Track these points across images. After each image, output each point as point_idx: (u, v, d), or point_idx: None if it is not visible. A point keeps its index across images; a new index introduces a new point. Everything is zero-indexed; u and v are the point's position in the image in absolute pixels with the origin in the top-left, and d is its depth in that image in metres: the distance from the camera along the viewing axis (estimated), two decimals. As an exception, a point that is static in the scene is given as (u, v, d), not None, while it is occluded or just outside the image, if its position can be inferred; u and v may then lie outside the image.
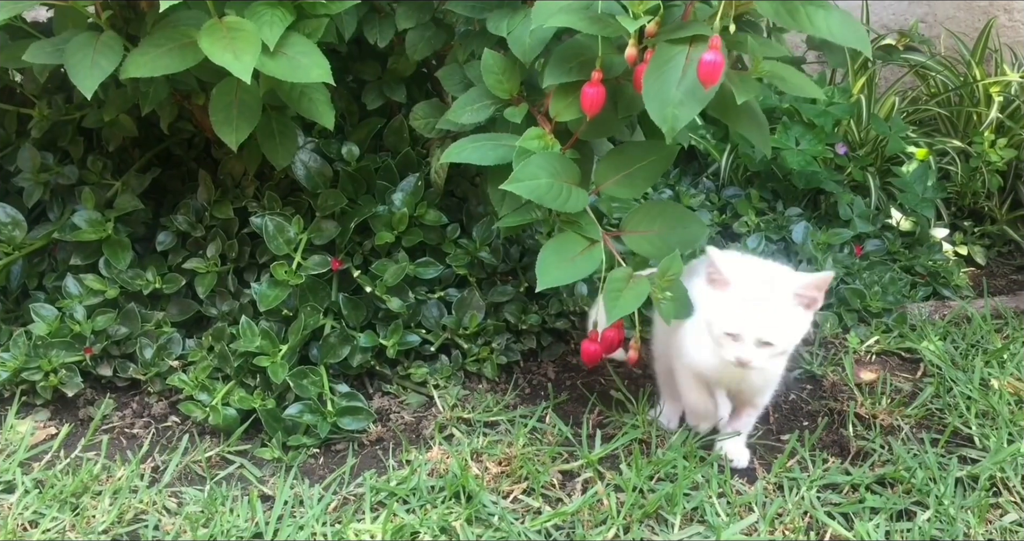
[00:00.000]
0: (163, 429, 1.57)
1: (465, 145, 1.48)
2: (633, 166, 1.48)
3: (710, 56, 1.22)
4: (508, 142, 1.46)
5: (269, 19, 1.37)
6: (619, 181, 1.48)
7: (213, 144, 1.79)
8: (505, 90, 1.49)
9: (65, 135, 1.78)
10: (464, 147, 1.48)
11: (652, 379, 1.72)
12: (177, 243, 1.73)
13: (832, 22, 1.28)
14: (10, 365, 1.57)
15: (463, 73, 1.60)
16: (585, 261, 1.43)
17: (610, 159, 1.49)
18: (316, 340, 1.62)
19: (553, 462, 1.45)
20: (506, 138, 1.47)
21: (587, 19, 1.32)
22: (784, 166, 2.13)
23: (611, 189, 1.49)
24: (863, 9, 2.51)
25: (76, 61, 1.37)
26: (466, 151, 1.47)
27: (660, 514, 1.35)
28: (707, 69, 1.22)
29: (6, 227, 1.69)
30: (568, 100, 1.42)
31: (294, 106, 1.46)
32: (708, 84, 1.23)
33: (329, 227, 1.68)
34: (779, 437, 1.55)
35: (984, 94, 2.37)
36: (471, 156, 1.46)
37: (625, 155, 1.49)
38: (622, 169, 1.48)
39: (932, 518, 1.35)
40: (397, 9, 1.65)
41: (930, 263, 2.06)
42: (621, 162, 1.48)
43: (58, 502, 1.36)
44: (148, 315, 1.66)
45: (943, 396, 1.62)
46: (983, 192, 2.29)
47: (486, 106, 1.52)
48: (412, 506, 1.36)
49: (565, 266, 1.42)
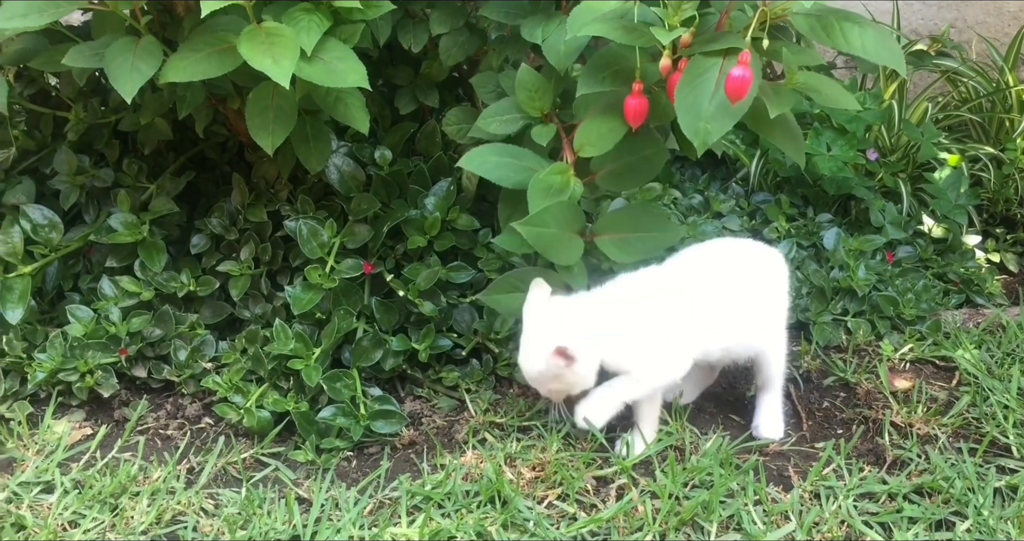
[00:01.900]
0: (197, 431, 1.58)
1: (488, 157, 1.48)
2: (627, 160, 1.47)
3: (738, 71, 1.22)
4: (531, 164, 1.47)
5: (307, 24, 1.38)
6: (611, 172, 1.48)
7: (247, 148, 1.80)
8: (536, 108, 1.49)
9: (101, 138, 1.80)
10: (487, 159, 1.48)
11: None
12: (211, 246, 1.74)
13: (867, 39, 1.28)
14: (47, 366, 1.58)
15: (497, 81, 1.61)
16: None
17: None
18: (349, 343, 1.63)
19: (587, 468, 1.45)
20: (530, 158, 1.48)
21: (622, 29, 1.32)
22: (815, 172, 2.11)
23: (603, 180, 1.48)
24: (894, 14, 2.50)
25: (116, 65, 1.38)
26: (488, 165, 1.48)
27: (696, 521, 1.34)
28: (735, 84, 1.22)
29: (43, 229, 1.70)
30: (594, 134, 1.42)
31: (329, 111, 1.47)
32: (736, 99, 1.23)
33: (362, 231, 1.68)
34: (813, 445, 1.54)
35: (1017, 100, 2.34)
36: (492, 173, 1.48)
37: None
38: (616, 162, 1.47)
39: (971, 528, 1.34)
40: (431, 14, 1.66)
41: (963, 270, 2.04)
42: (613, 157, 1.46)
43: (97, 502, 1.37)
44: (182, 317, 1.67)
45: (980, 405, 1.61)
46: (1016, 199, 2.26)
47: (516, 119, 1.53)
48: (447, 510, 1.36)
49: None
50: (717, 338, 1.48)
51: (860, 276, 1.89)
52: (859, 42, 1.28)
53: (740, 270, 1.52)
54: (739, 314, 1.49)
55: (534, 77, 1.49)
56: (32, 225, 1.69)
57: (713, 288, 1.48)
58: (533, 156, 1.49)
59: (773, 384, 1.56)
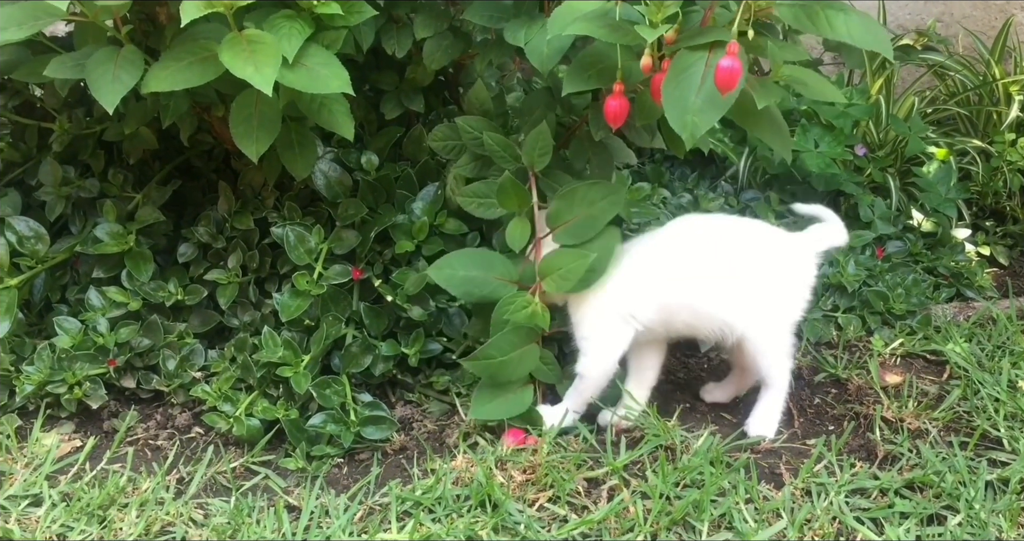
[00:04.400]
0: (187, 440, 1.58)
1: (456, 270, 1.52)
2: (585, 212, 1.51)
3: (727, 62, 1.21)
4: (501, 274, 1.52)
5: (288, 31, 1.38)
6: (568, 227, 1.51)
7: (232, 155, 1.80)
8: (514, 205, 1.54)
9: (86, 149, 1.80)
10: (455, 274, 1.52)
11: (673, 384, 1.71)
12: (198, 254, 1.74)
13: (852, 26, 1.27)
14: (35, 378, 1.58)
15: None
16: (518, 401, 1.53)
17: (563, 201, 1.51)
18: (338, 349, 1.63)
19: (578, 469, 1.44)
20: (499, 266, 1.53)
21: (605, 27, 1.32)
22: (803, 168, 2.11)
23: (561, 236, 1.52)
24: (879, 9, 2.50)
25: (98, 76, 1.37)
26: (455, 281, 1.52)
27: (688, 521, 1.34)
28: (724, 75, 1.22)
29: (29, 241, 1.70)
30: (560, 271, 1.48)
31: (313, 117, 1.46)
32: (726, 90, 1.22)
33: (349, 236, 1.68)
34: (804, 442, 1.54)
35: (1004, 93, 2.35)
36: (458, 288, 1.53)
37: (578, 196, 1.51)
38: (576, 211, 1.51)
39: (963, 522, 1.34)
40: (415, 18, 1.66)
41: (953, 264, 2.05)
42: (574, 204, 1.51)
43: (85, 515, 1.37)
44: (170, 326, 1.67)
45: (970, 399, 1.61)
46: (1004, 192, 2.26)
47: (493, 204, 1.57)
48: (438, 515, 1.36)
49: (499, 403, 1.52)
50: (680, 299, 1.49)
51: (850, 271, 1.89)
52: (844, 29, 1.27)
53: (736, 247, 1.51)
54: (703, 282, 1.49)
55: (512, 183, 1.53)
56: (18, 237, 1.69)
57: (700, 256, 1.50)
58: (503, 263, 1.53)
59: (770, 383, 1.54)
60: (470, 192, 1.59)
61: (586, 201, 1.50)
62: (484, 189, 1.58)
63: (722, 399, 1.65)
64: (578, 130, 1.63)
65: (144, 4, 1.46)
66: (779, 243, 1.55)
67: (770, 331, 1.52)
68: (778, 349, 1.53)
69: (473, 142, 1.60)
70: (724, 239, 1.52)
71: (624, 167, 2.07)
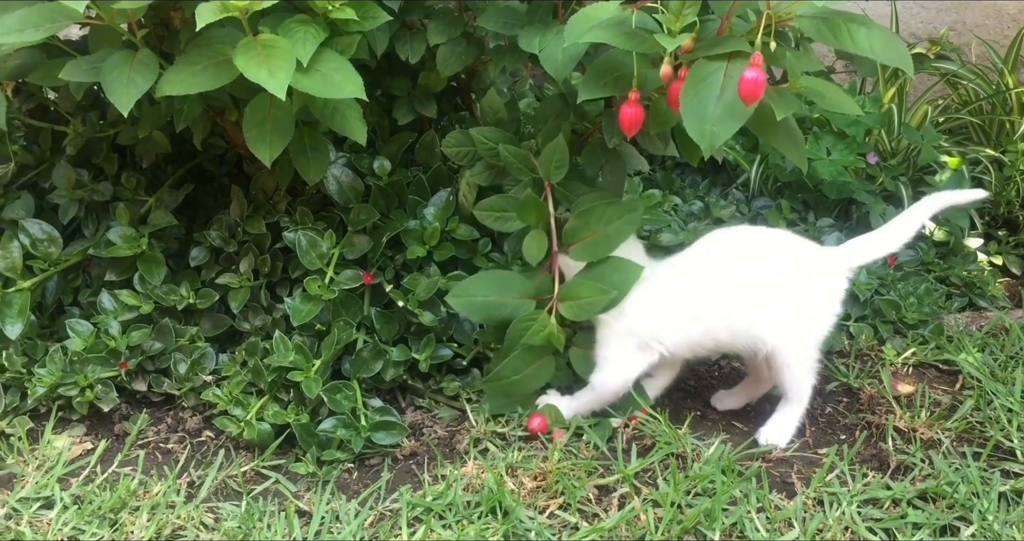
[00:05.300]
0: (198, 444, 1.58)
1: (474, 295, 1.54)
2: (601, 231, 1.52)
3: (752, 74, 1.21)
4: (518, 293, 1.53)
5: (302, 36, 1.38)
6: (585, 244, 1.53)
7: (245, 160, 1.80)
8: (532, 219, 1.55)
9: (99, 152, 1.81)
10: (472, 300, 1.54)
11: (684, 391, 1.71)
12: (210, 258, 1.74)
13: (874, 40, 1.27)
14: (47, 381, 1.58)
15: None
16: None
17: (580, 219, 1.52)
18: (349, 354, 1.63)
19: (589, 477, 1.44)
20: (517, 286, 1.54)
21: (622, 35, 1.32)
22: (815, 176, 2.11)
23: (577, 251, 1.53)
24: (892, 17, 2.50)
25: (113, 79, 1.38)
26: (473, 306, 1.55)
27: (699, 529, 1.34)
28: (749, 87, 1.21)
29: (42, 243, 1.70)
30: (580, 301, 1.50)
31: (326, 122, 1.46)
32: (750, 102, 1.22)
33: (361, 241, 1.68)
34: (816, 451, 1.53)
35: (1017, 102, 2.34)
36: (476, 314, 1.57)
37: (595, 215, 1.52)
38: (593, 229, 1.52)
39: (976, 534, 1.33)
40: (428, 25, 1.66)
41: (965, 273, 2.04)
42: (591, 221, 1.52)
43: (97, 518, 1.37)
44: (182, 330, 1.67)
45: (983, 409, 1.60)
46: (1017, 201, 2.26)
47: (512, 218, 1.58)
48: (448, 521, 1.35)
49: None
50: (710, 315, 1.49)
51: (862, 280, 1.88)
52: (867, 43, 1.27)
53: (764, 259, 1.50)
54: (740, 298, 1.48)
55: (534, 200, 1.54)
56: (31, 240, 1.69)
57: (726, 268, 1.50)
58: (519, 282, 1.55)
59: (792, 396, 1.53)
60: (487, 206, 1.60)
61: (603, 220, 1.51)
62: (502, 203, 1.59)
63: (733, 407, 1.64)
64: (591, 137, 1.63)
65: (159, 8, 1.47)
66: (814, 257, 1.54)
67: (799, 345, 1.51)
68: (804, 364, 1.52)
69: (488, 153, 1.60)
70: (761, 253, 1.51)
71: (636, 174, 2.08)
